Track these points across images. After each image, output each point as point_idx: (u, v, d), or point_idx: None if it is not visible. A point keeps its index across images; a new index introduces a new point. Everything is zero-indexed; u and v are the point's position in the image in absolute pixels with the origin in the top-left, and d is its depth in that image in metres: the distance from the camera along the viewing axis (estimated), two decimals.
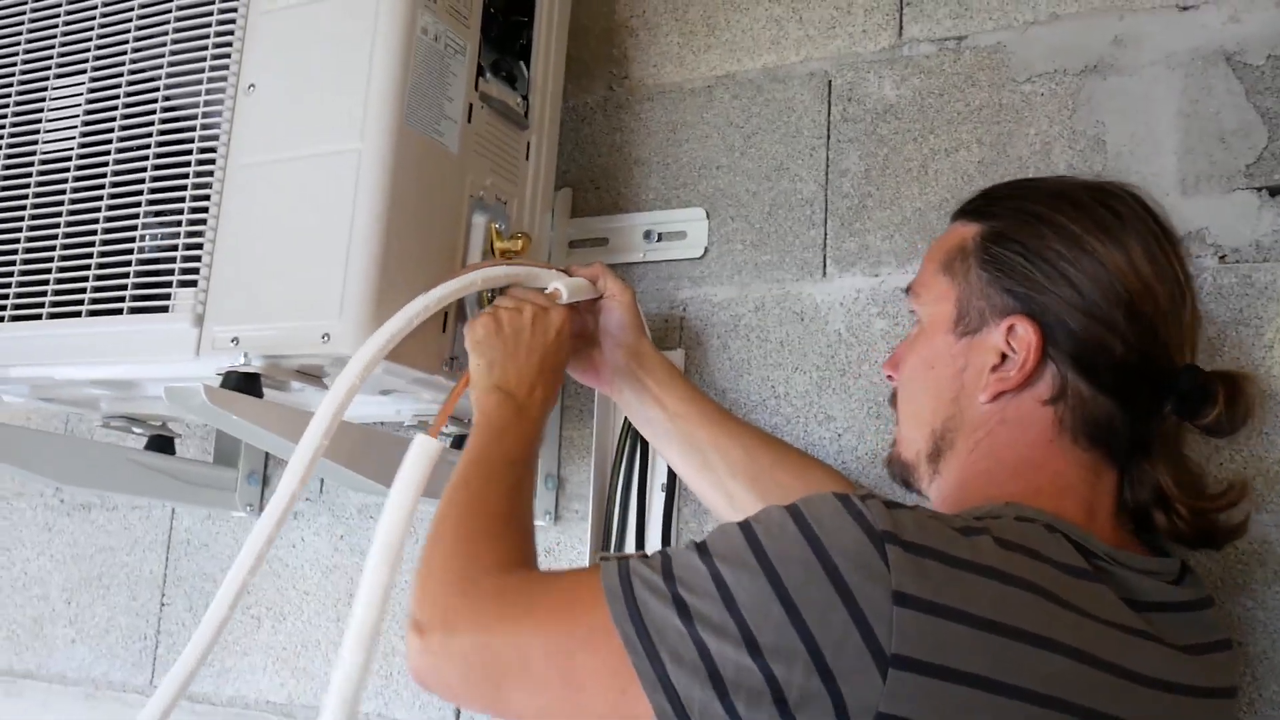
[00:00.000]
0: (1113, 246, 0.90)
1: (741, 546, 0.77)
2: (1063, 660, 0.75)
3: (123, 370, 1.20)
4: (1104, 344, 0.89)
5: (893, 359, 1.03)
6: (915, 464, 0.97)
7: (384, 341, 1.02)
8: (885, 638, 0.71)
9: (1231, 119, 1.18)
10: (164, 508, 1.71)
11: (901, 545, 0.74)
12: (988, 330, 0.92)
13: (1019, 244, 0.92)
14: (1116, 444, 0.90)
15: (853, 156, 1.36)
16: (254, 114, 1.14)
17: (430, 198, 1.13)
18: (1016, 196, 0.97)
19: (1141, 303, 0.89)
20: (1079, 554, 0.81)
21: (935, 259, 0.98)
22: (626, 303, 1.23)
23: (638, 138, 1.49)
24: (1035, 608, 0.75)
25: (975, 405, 0.92)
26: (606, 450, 1.40)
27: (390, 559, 0.96)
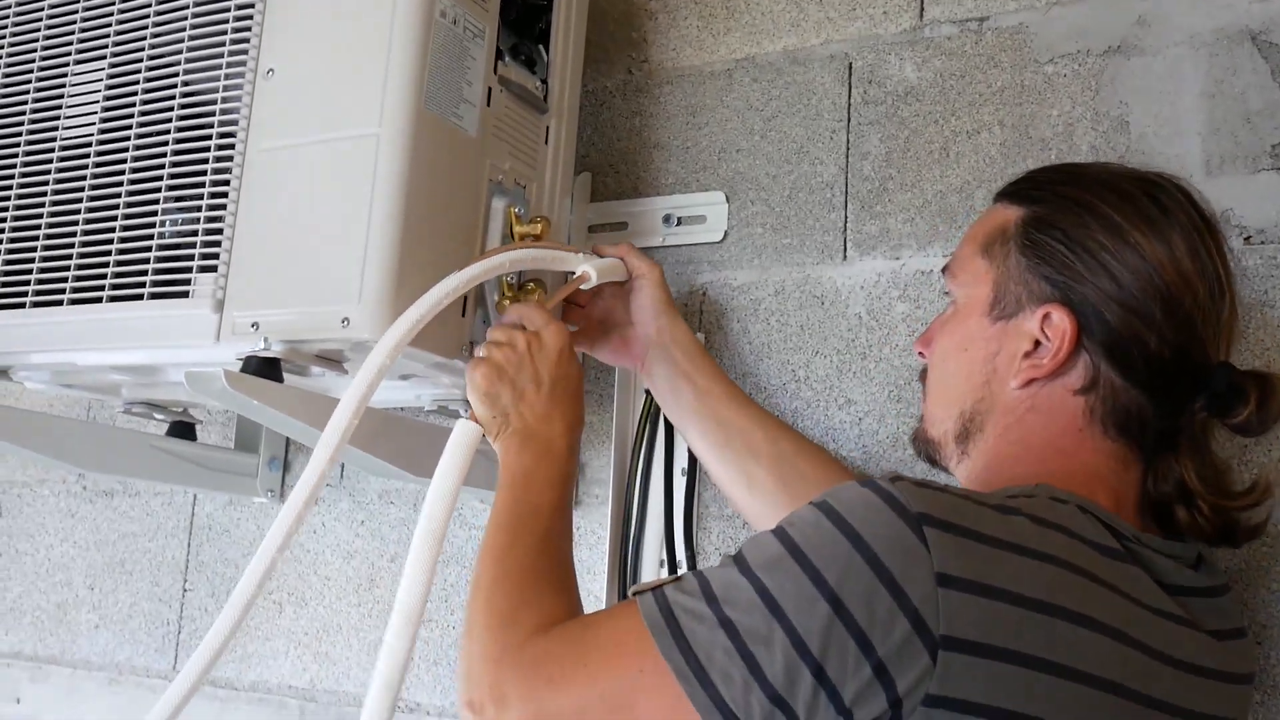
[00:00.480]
0: (1155, 239, 0.89)
1: (778, 551, 0.76)
2: (1106, 640, 0.75)
3: (143, 356, 1.21)
4: (1139, 337, 0.88)
5: (925, 336, 1.03)
6: (942, 443, 0.97)
7: (414, 321, 1.02)
8: (932, 619, 0.71)
9: (1257, 99, 1.17)
10: (185, 494, 1.72)
11: (939, 526, 0.73)
12: (1023, 316, 0.92)
13: (1060, 231, 0.91)
14: (1145, 436, 0.90)
15: (873, 139, 1.35)
16: (273, 98, 1.14)
17: (449, 182, 1.13)
18: (1061, 182, 0.96)
19: (1180, 297, 0.88)
20: (1111, 535, 0.81)
21: (975, 240, 0.97)
22: (656, 280, 1.23)
23: (657, 121, 1.48)
24: (1077, 587, 0.76)
25: (1006, 390, 0.92)
26: (626, 435, 1.40)
27: (433, 542, 0.97)
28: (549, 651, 0.85)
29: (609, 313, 1.26)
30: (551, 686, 0.82)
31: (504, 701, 0.84)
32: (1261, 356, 1.13)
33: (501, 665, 0.86)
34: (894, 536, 0.73)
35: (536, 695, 0.83)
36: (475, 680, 0.87)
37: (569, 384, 1.09)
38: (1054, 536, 0.78)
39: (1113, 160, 1.21)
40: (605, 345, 1.27)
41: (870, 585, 0.72)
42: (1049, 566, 0.75)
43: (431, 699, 1.49)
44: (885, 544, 0.73)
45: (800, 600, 0.73)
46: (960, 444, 0.95)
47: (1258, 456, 1.12)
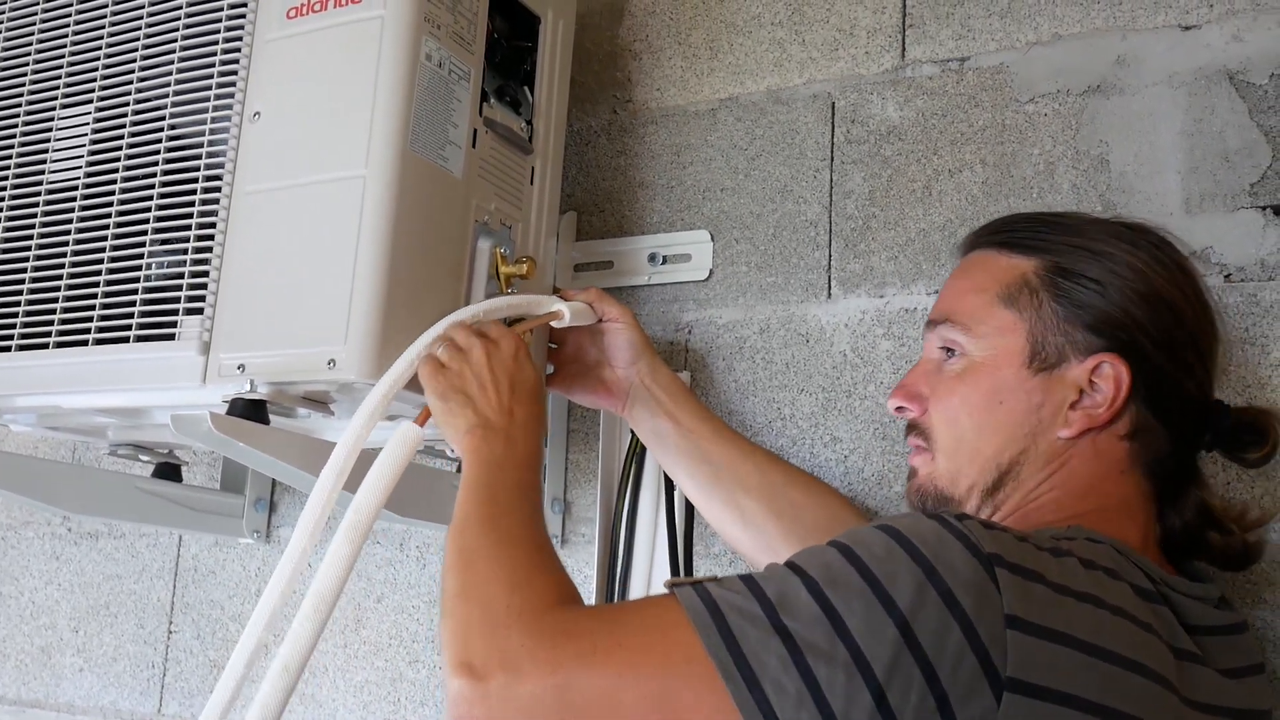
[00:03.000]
0: (1173, 285, 0.94)
1: (845, 569, 0.74)
2: (1152, 685, 0.76)
3: (129, 398, 1.21)
4: (1178, 381, 0.93)
5: (910, 391, 1.01)
6: (962, 498, 0.96)
7: (386, 390, 1.02)
8: (1000, 661, 0.71)
9: (1235, 138, 1.18)
10: (171, 535, 1.71)
11: (1008, 568, 0.74)
12: (1067, 366, 0.93)
13: (1092, 280, 0.93)
14: (1166, 475, 0.94)
15: (856, 178, 1.36)
16: (259, 141, 1.15)
17: (435, 223, 1.13)
18: (1062, 231, 0.97)
19: (1204, 341, 0.95)
20: (1144, 576, 0.82)
21: (986, 290, 0.97)
22: (630, 323, 1.24)
23: (642, 161, 1.49)
24: (1124, 630, 0.77)
25: (1050, 439, 0.93)
26: (612, 473, 1.40)
27: (356, 536, 0.96)
28: (579, 625, 0.79)
29: (583, 354, 1.27)
30: (582, 662, 0.76)
31: (516, 670, 0.76)
32: (1243, 394, 1.14)
33: (511, 630, 0.79)
34: (968, 574, 0.73)
35: (564, 668, 0.76)
36: (474, 645, 0.79)
37: (526, 384, 1.06)
38: (1102, 579, 0.78)
39: (1093, 197, 1.23)
40: (582, 389, 1.28)
41: (943, 619, 0.71)
42: (1102, 611, 0.76)
43: None
44: (960, 580, 0.72)
45: (869, 623, 0.72)
46: (991, 495, 0.94)
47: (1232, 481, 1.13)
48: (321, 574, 0.95)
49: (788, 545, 1.17)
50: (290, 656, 0.92)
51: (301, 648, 0.92)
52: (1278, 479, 1.12)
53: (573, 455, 1.46)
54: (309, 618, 0.93)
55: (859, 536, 0.77)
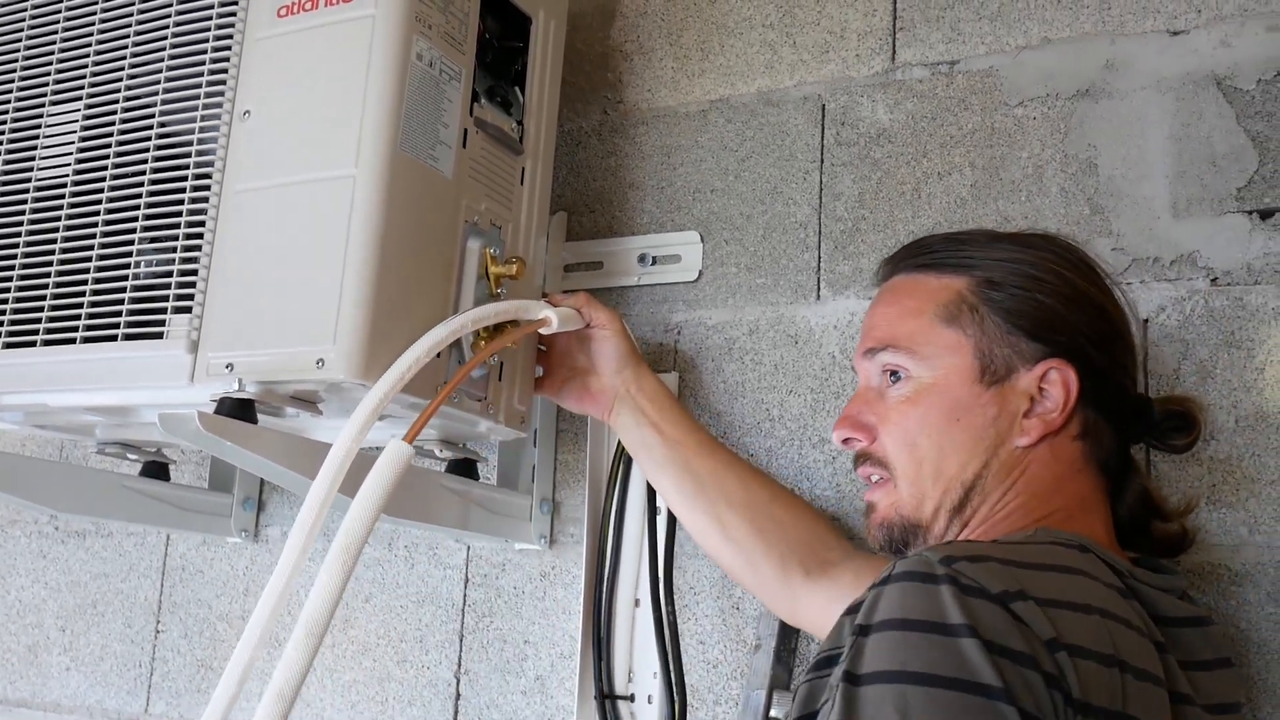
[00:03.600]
0: (1093, 285, 0.98)
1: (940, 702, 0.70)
2: (1151, 687, 0.77)
3: (117, 397, 1.20)
4: (1116, 378, 0.96)
5: (855, 420, 1.00)
6: (929, 522, 0.95)
7: (369, 412, 1.01)
8: (1074, 687, 0.71)
9: (1222, 143, 1.19)
10: (159, 534, 1.71)
11: (1035, 601, 0.73)
12: (1016, 376, 0.94)
13: (1023, 289, 0.95)
14: (1110, 469, 0.97)
15: (846, 180, 1.36)
16: (249, 140, 1.14)
17: (425, 223, 1.13)
18: (977, 245, 0.99)
19: (1128, 337, 0.99)
20: (1112, 572, 0.83)
21: (922, 313, 0.97)
22: (618, 330, 1.24)
23: (632, 161, 1.49)
24: (1120, 635, 0.77)
25: (1009, 450, 0.94)
26: (601, 474, 1.40)
27: (348, 559, 0.95)
28: None
29: (571, 360, 1.28)
30: None
31: None
32: (1229, 397, 1.14)
33: None
34: (1000, 622, 0.72)
35: None
36: None
37: None
38: (1087, 584, 0.79)
39: (1081, 201, 1.23)
40: (569, 394, 1.28)
41: (1021, 673, 0.70)
42: (1101, 620, 0.77)
43: None
44: (999, 631, 0.71)
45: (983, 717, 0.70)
46: (956, 513, 0.94)
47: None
48: (313, 599, 0.94)
49: (768, 561, 1.17)
50: (284, 683, 0.91)
51: (295, 674, 0.92)
52: (1188, 466, 1.13)
53: (561, 456, 1.46)
54: (302, 643, 0.92)
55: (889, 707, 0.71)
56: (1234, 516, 1.13)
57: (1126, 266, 1.21)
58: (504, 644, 1.45)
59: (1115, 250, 1.21)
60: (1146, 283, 1.20)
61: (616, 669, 1.36)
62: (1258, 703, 1.09)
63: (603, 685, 1.34)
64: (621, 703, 1.34)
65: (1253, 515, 1.12)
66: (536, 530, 1.42)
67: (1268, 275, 1.15)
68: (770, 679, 1.24)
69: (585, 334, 1.26)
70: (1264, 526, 1.12)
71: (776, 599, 1.20)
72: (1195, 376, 1.16)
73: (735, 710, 1.30)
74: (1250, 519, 1.12)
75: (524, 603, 1.45)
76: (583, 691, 1.35)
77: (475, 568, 1.49)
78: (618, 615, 1.36)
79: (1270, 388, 1.13)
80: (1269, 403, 1.13)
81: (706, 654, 1.33)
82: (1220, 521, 1.13)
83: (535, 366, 1.29)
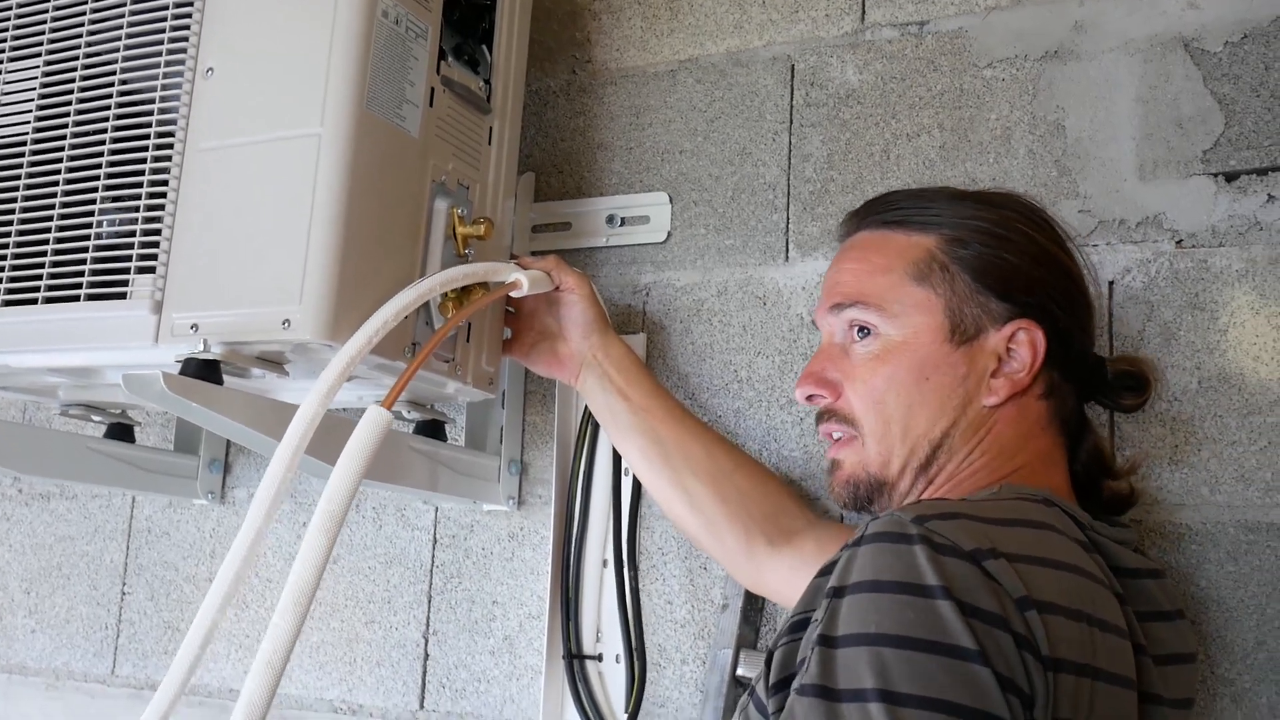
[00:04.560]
0: (1056, 245, 0.99)
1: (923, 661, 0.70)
2: (1118, 639, 0.79)
3: (80, 358, 1.19)
4: (1077, 339, 0.97)
5: (818, 377, 1.00)
6: (895, 480, 0.96)
7: (337, 374, 1.01)
8: (1042, 644, 0.72)
9: (1189, 105, 1.19)
10: (124, 496, 1.70)
11: (990, 555, 0.74)
12: (985, 336, 0.95)
13: (992, 249, 0.95)
14: (1070, 427, 0.98)
15: (815, 141, 1.36)
16: (212, 98, 1.13)
17: (391, 182, 1.12)
18: (945, 203, 0.99)
19: (1089, 296, 1.00)
20: (1075, 526, 0.84)
21: (895, 269, 0.97)
22: (586, 295, 1.24)
23: (601, 122, 1.48)
24: (1091, 590, 0.78)
25: (976, 409, 0.94)
26: (569, 435, 1.40)
27: (331, 526, 0.95)
28: None
29: (539, 323, 1.27)
30: None
31: None
32: (1192, 358, 1.15)
33: None
34: (972, 579, 0.72)
35: None
36: None
37: None
38: (1054, 539, 0.80)
39: (1049, 163, 1.23)
40: (538, 358, 1.28)
41: (993, 636, 0.71)
42: (1069, 574, 0.78)
43: (374, 700, 1.48)
44: (970, 590, 0.72)
45: (960, 680, 0.70)
46: (922, 472, 0.95)
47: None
48: (299, 568, 0.94)
49: (732, 530, 1.17)
50: (273, 653, 0.91)
51: (283, 643, 0.91)
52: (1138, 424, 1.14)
53: (529, 417, 1.45)
54: (290, 612, 0.92)
55: (866, 672, 0.71)
56: (1196, 476, 1.14)
57: (1093, 229, 1.21)
58: (472, 604, 1.45)
59: (1082, 212, 1.22)
60: (1112, 245, 1.20)
61: (584, 629, 1.36)
62: (1216, 659, 1.11)
63: (571, 645, 1.35)
64: (590, 662, 1.35)
65: (1214, 475, 1.14)
66: (504, 491, 1.42)
67: (1232, 238, 1.16)
68: (737, 638, 1.25)
69: (554, 297, 1.25)
70: (1225, 486, 1.13)
71: (740, 567, 1.20)
72: (1159, 338, 1.17)
73: (702, 669, 1.31)
74: (1211, 479, 1.14)
75: (492, 563, 1.45)
76: (550, 651, 1.36)
77: (443, 529, 1.48)
78: (586, 576, 1.37)
79: (1232, 349, 1.14)
80: (1231, 364, 1.14)
81: (674, 614, 1.34)
82: (1182, 481, 1.15)
83: (503, 328, 1.29)
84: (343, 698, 1.51)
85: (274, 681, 0.91)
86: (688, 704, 1.32)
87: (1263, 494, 1.12)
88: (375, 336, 1.04)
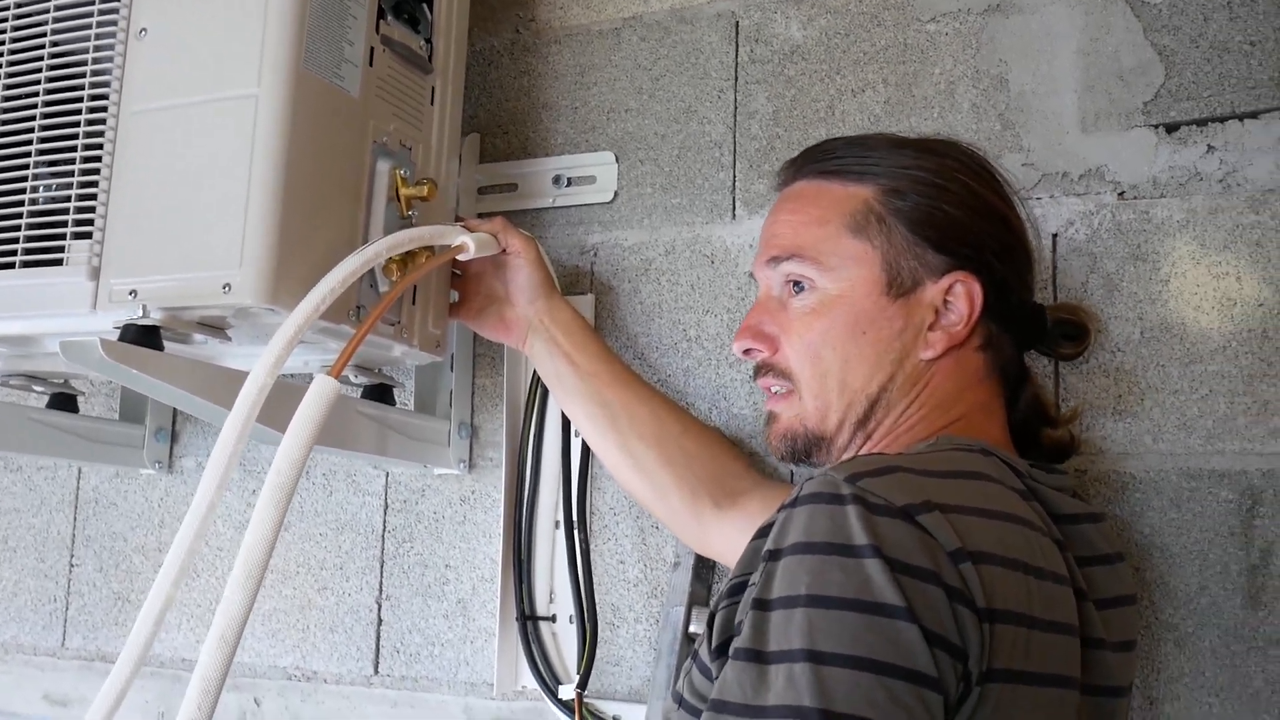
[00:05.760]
0: (995, 194, 0.98)
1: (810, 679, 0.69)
2: (1061, 589, 0.79)
3: (17, 326, 1.17)
4: (1016, 289, 0.97)
5: (755, 330, 1.00)
6: (832, 434, 0.96)
7: (285, 342, 0.99)
8: (978, 596, 0.72)
9: (1130, 57, 1.20)
10: (70, 467, 1.68)
11: (924, 508, 0.74)
12: (922, 289, 0.94)
13: (929, 201, 0.95)
14: (1009, 377, 0.98)
15: (760, 98, 1.35)
16: (146, 59, 1.11)
17: (331, 143, 1.11)
18: (882, 153, 0.98)
19: (1027, 245, 1.00)
20: (1013, 474, 0.84)
21: (831, 221, 0.96)
22: (533, 258, 1.23)
23: (545, 81, 1.47)
24: (1035, 541, 0.79)
25: (913, 362, 0.94)
26: (518, 397, 1.39)
27: (281, 499, 0.94)
28: None
29: (486, 286, 1.27)
30: None
31: None
32: (1135, 309, 1.16)
33: None
34: (903, 536, 0.72)
35: None
36: None
37: None
38: (991, 489, 0.81)
39: (992, 116, 1.24)
40: (485, 322, 1.28)
41: (925, 591, 0.71)
42: (1006, 524, 0.78)
43: (328, 666, 1.48)
44: (899, 546, 0.72)
45: (885, 638, 0.70)
46: (860, 426, 0.95)
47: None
48: (249, 541, 0.92)
49: (678, 493, 1.18)
50: (226, 627, 0.90)
51: (237, 617, 0.90)
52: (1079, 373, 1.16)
53: (479, 380, 1.45)
54: (241, 586, 0.91)
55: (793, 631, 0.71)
56: (1139, 426, 1.16)
57: (1036, 181, 1.22)
58: (425, 569, 1.45)
59: (1025, 165, 1.22)
60: (1055, 197, 1.21)
61: (538, 590, 1.36)
62: (1159, 605, 1.13)
63: (524, 607, 1.35)
64: (543, 623, 1.35)
65: (1156, 424, 1.15)
66: (455, 455, 1.42)
67: (1173, 189, 1.17)
68: (689, 595, 1.25)
69: (501, 261, 1.25)
70: (1167, 435, 1.14)
71: (687, 530, 1.21)
72: (1103, 290, 1.18)
73: (655, 627, 1.31)
74: (1154, 428, 1.15)
75: (444, 527, 1.45)
76: (504, 613, 1.36)
77: (394, 493, 1.48)
78: (538, 537, 1.37)
79: (1174, 299, 1.16)
80: (1173, 314, 1.15)
81: (626, 573, 1.34)
82: (1126, 431, 1.16)
83: (450, 290, 1.28)
84: (296, 665, 1.50)
85: (228, 656, 0.90)
86: (641, 662, 1.32)
87: (1204, 441, 1.13)
88: (323, 303, 1.02)
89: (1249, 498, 1.12)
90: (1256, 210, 1.14)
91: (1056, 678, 0.77)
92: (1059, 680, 0.77)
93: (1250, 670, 1.10)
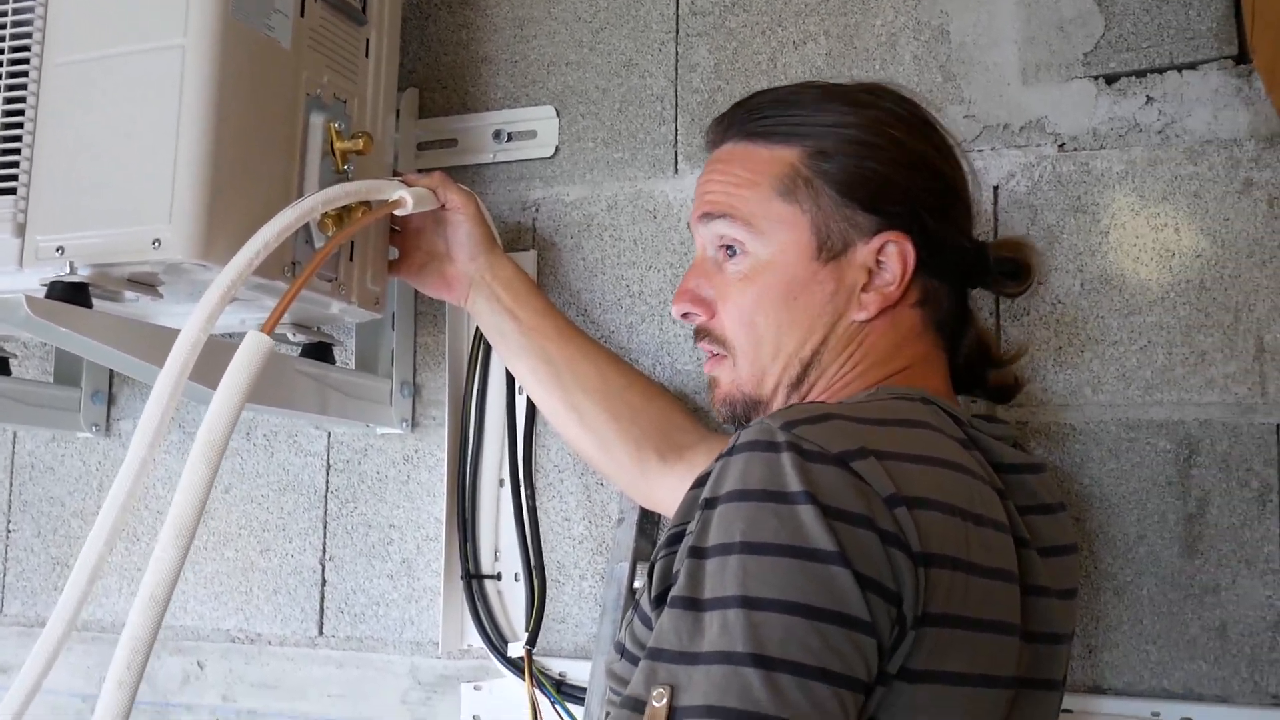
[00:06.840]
0: (928, 144, 0.96)
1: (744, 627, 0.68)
2: (1002, 536, 0.79)
3: None
4: (952, 241, 0.95)
5: (693, 294, 0.99)
6: (769, 398, 0.96)
7: (218, 298, 0.97)
8: (913, 540, 0.72)
9: (1070, 8, 1.20)
10: (4, 431, 1.65)
11: (860, 455, 0.74)
12: (853, 250, 0.93)
13: (856, 160, 0.93)
14: (948, 325, 0.97)
15: (702, 51, 1.34)
16: (68, 9, 1.07)
17: (262, 95, 1.08)
18: (807, 110, 0.96)
19: (964, 191, 0.98)
20: (954, 423, 0.84)
21: (760, 184, 0.95)
22: (472, 214, 1.22)
23: (484, 34, 1.45)
24: (975, 489, 0.79)
25: (847, 324, 0.93)
26: (461, 356, 1.38)
27: (213, 456, 0.92)
28: None
29: (427, 242, 1.25)
30: None
31: None
32: (1075, 260, 1.17)
33: None
34: (836, 483, 0.72)
35: None
36: None
37: None
38: (929, 436, 0.80)
39: (934, 68, 1.23)
40: (426, 279, 1.26)
41: (857, 535, 0.71)
42: (944, 470, 0.78)
43: (272, 629, 1.47)
44: (831, 491, 0.72)
45: (818, 582, 0.70)
46: (794, 389, 0.95)
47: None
48: (179, 499, 0.90)
49: (623, 447, 1.17)
50: (156, 586, 0.88)
51: (167, 577, 0.88)
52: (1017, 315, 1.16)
53: (421, 338, 1.43)
54: (171, 545, 0.89)
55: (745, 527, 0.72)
56: (1079, 377, 1.16)
57: (978, 134, 1.21)
58: (369, 529, 1.44)
59: (967, 118, 1.22)
60: (997, 149, 1.21)
61: (482, 549, 1.36)
62: (1099, 554, 1.14)
63: (469, 565, 1.34)
64: (489, 581, 1.35)
65: (1096, 375, 1.16)
66: (398, 414, 1.40)
67: (1112, 140, 1.17)
68: (634, 551, 1.25)
69: (441, 217, 1.23)
70: (1106, 386, 1.15)
71: (633, 484, 1.20)
72: (1044, 241, 1.18)
73: (600, 584, 1.31)
74: (1094, 379, 1.16)
75: (387, 487, 1.43)
76: (449, 572, 1.35)
77: (336, 454, 1.46)
78: (482, 496, 1.36)
79: (1114, 251, 1.16)
80: (1112, 265, 1.16)
81: (571, 530, 1.34)
82: (1066, 382, 1.17)
83: (389, 247, 1.26)
84: (240, 627, 1.49)
85: (159, 615, 0.89)
86: (587, 618, 1.32)
87: (1143, 392, 1.14)
88: (256, 259, 1.00)
89: (1186, 447, 1.13)
90: (1194, 161, 1.14)
91: (995, 623, 0.77)
92: (998, 626, 0.77)
93: (1187, 618, 1.11)
